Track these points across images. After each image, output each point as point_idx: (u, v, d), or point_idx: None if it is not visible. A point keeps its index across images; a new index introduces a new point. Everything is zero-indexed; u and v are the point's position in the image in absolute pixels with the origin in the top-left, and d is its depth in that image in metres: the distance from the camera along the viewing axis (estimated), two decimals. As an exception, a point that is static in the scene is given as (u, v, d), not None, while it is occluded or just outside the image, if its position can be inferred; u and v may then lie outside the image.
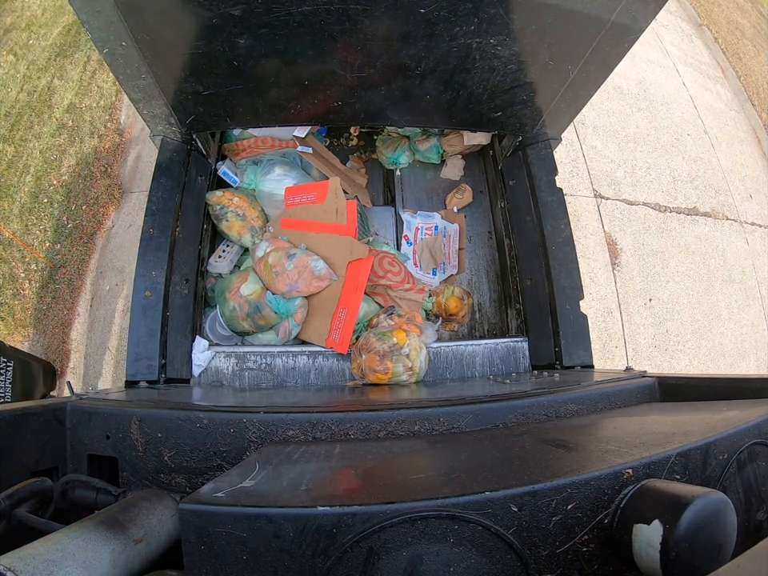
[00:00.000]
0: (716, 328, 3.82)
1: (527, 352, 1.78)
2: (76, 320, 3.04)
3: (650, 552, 0.53)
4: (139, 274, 1.54)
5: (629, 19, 1.32)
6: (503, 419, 1.03)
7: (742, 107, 5.16)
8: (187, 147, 1.76)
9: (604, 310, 3.56)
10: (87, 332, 2.99)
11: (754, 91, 5.18)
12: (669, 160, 4.33)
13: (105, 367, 2.90)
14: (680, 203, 4.17)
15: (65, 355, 2.95)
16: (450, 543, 0.54)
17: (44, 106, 3.69)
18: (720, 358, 3.73)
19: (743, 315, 3.95)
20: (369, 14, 1.25)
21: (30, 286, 3.10)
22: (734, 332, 3.86)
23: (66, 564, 0.58)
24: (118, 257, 3.18)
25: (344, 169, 2.30)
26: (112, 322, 3.01)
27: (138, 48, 1.31)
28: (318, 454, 0.83)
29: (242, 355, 1.66)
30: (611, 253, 3.74)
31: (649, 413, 1.06)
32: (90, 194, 3.34)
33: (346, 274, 1.71)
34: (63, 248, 3.18)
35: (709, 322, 3.83)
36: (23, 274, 3.12)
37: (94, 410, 1.00)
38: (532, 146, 1.89)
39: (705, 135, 4.66)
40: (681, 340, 3.70)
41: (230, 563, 0.54)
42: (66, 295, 3.07)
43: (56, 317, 3.02)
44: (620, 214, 3.93)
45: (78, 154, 3.50)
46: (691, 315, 3.81)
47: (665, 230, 4.02)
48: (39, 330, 2.99)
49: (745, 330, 3.91)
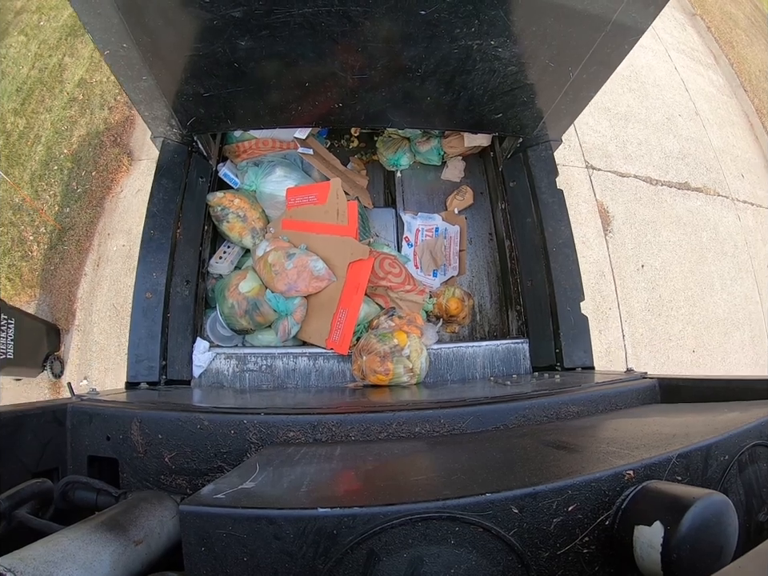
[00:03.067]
0: (709, 297, 3.85)
1: (528, 353, 1.78)
2: (83, 279, 3.10)
3: (651, 553, 0.53)
4: (140, 275, 1.54)
5: (629, 20, 1.32)
6: (504, 421, 1.03)
7: (735, 93, 5.17)
8: (188, 149, 1.76)
9: (597, 273, 3.59)
10: (93, 290, 3.06)
11: (747, 78, 5.19)
12: (660, 137, 4.35)
13: (110, 324, 2.97)
14: (671, 178, 4.20)
15: (71, 313, 3.01)
16: (450, 545, 0.54)
17: (55, 82, 3.75)
18: (714, 326, 3.76)
19: (736, 287, 3.97)
20: (369, 16, 1.25)
21: (38, 248, 3.16)
22: (727, 302, 3.89)
23: (66, 565, 0.58)
24: (125, 219, 3.25)
25: (345, 170, 2.30)
26: (118, 281, 3.09)
27: (139, 50, 1.31)
28: (319, 455, 0.83)
29: (243, 357, 1.66)
30: (603, 220, 3.77)
31: (650, 414, 1.06)
32: (100, 162, 3.41)
33: (347, 275, 1.71)
34: (72, 211, 3.25)
35: (702, 290, 3.85)
36: (32, 237, 3.18)
37: (94, 411, 1.00)
38: (533, 147, 1.90)
39: (696, 116, 4.67)
40: (674, 306, 3.72)
41: (231, 565, 0.54)
42: (73, 256, 3.14)
43: (63, 276, 3.08)
44: (611, 185, 3.95)
45: (88, 125, 3.56)
46: (684, 283, 3.83)
47: (656, 201, 4.04)
48: (46, 289, 3.05)
49: (738, 301, 3.92)
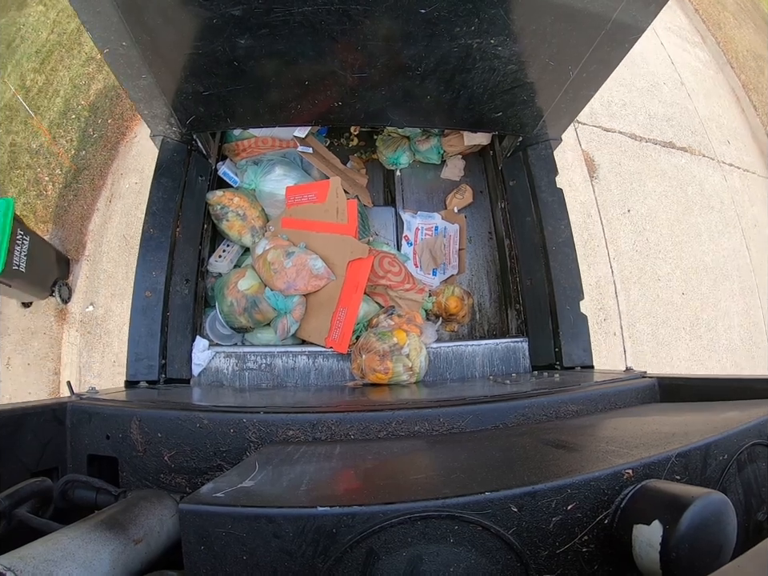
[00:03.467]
0: (697, 246, 3.88)
1: (527, 352, 1.78)
2: (95, 214, 3.28)
3: (650, 552, 0.53)
4: (139, 274, 1.54)
5: (629, 19, 1.32)
6: (503, 420, 1.03)
7: (721, 69, 5.18)
8: (188, 147, 1.76)
9: (584, 213, 3.65)
10: (105, 224, 3.24)
11: (734, 56, 5.20)
12: (645, 101, 4.38)
13: (119, 253, 3.17)
14: (656, 136, 4.23)
15: (81, 245, 3.20)
16: (449, 543, 0.54)
17: (73, 44, 3.87)
18: (702, 272, 3.79)
19: (724, 240, 4.00)
20: (369, 15, 1.25)
21: (53, 188, 3.31)
22: (715, 253, 3.91)
23: (66, 564, 0.58)
24: (138, 161, 3.42)
25: (344, 169, 2.30)
26: (129, 214, 3.24)
27: (139, 48, 1.31)
28: (318, 454, 0.83)
29: (242, 355, 1.66)
30: (589, 167, 3.82)
31: (649, 413, 1.06)
32: (116, 111, 3.57)
33: (346, 274, 1.71)
34: (87, 154, 3.40)
35: (689, 238, 3.88)
36: (47, 178, 3.33)
37: (94, 410, 1.00)
38: (532, 146, 1.89)
39: (681, 86, 4.70)
40: (662, 249, 3.76)
41: (230, 563, 0.54)
42: (87, 193, 3.31)
43: (76, 212, 3.27)
44: (597, 138, 3.99)
45: (105, 80, 3.69)
46: (670, 230, 3.86)
47: (641, 155, 4.08)
48: (58, 224, 3.23)
49: (726, 253, 3.95)
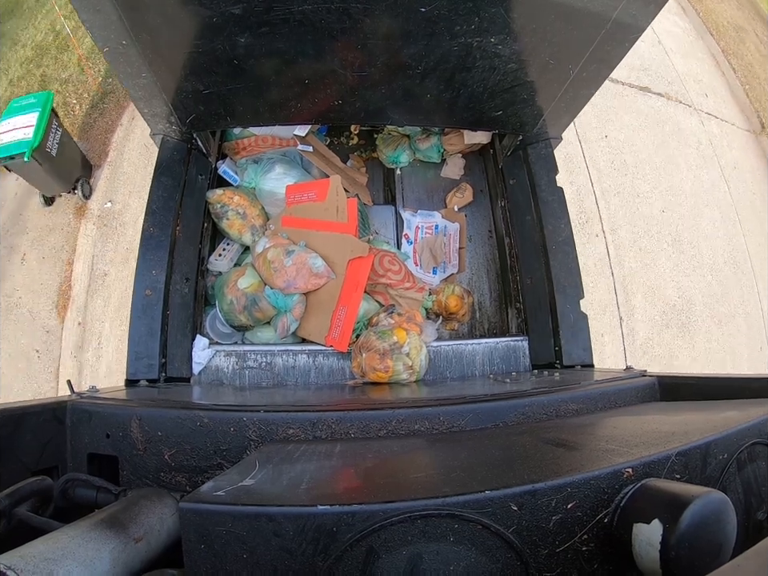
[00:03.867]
0: (675, 174, 3.96)
1: (527, 351, 1.78)
2: (118, 128, 3.49)
3: (649, 551, 0.53)
4: (139, 272, 1.53)
5: (629, 18, 1.32)
6: (503, 418, 1.03)
7: (701, 37, 5.22)
8: (188, 146, 1.75)
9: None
10: (127, 136, 3.46)
11: (714, 26, 5.23)
12: None
13: (139, 158, 3.36)
14: (632, 81, 4.28)
15: (104, 154, 3.40)
16: (450, 542, 0.54)
17: None
18: (682, 197, 3.89)
19: (703, 173, 4.07)
20: (369, 13, 1.25)
21: (80, 108, 3.56)
22: (694, 183, 4.00)
23: (66, 563, 0.58)
24: None
25: (344, 167, 2.29)
26: None
27: (139, 47, 1.31)
28: (319, 452, 0.83)
29: (243, 354, 1.66)
30: None
31: (649, 412, 1.06)
32: None
33: (346, 272, 1.71)
34: (114, 80, 3.57)
35: (667, 165, 3.97)
36: (75, 101, 3.58)
37: (94, 409, 1.00)
38: (532, 145, 1.89)
39: (659, 45, 4.73)
40: (640, 171, 3.87)
41: (230, 562, 0.54)
42: (112, 111, 3.53)
43: (101, 127, 3.48)
44: None
45: None
46: (648, 156, 3.94)
47: (617, 95, 4.15)
48: (83, 137, 3.44)
49: (705, 186, 4.03)
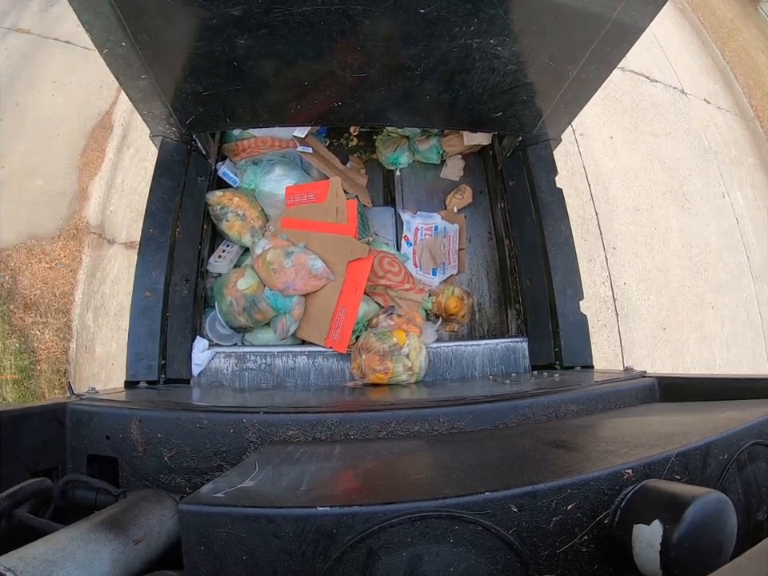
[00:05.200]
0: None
1: (527, 352, 1.78)
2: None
3: (649, 552, 0.53)
4: (139, 274, 1.53)
5: (629, 19, 1.32)
6: (503, 419, 1.03)
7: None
8: (187, 147, 1.76)
9: None
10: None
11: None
12: None
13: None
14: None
15: None
16: (449, 543, 0.54)
17: None
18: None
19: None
20: (369, 15, 1.25)
21: None
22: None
23: (66, 564, 0.58)
24: None
25: (344, 169, 2.29)
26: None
27: (138, 49, 1.31)
28: (318, 454, 0.83)
29: (242, 355, 1.66)
30: None
31: (649, 413, 1.06)
32: None
33: (346, 274, 1.71)
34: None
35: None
36: None
37: (93, 411, 1.00)
38: (532, 146, 1.89)
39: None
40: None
41: (230, 563, 0.54)
42: None
43: None
44: None
45: None
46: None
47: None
48: None
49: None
